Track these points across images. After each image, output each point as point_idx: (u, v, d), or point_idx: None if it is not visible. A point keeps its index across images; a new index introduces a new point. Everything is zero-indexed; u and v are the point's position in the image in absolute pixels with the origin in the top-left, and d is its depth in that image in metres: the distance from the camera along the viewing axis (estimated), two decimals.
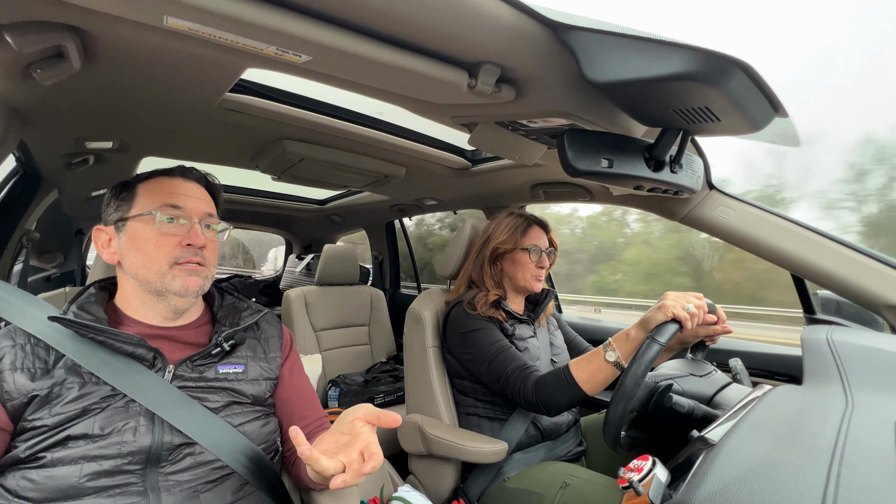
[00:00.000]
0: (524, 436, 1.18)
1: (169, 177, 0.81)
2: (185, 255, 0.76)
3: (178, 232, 0.76)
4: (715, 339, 1.05)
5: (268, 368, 0.83)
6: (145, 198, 0.77)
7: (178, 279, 0.75)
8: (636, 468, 0.69)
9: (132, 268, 0.75)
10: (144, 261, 0.74)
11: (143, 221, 0.75)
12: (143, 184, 0.79)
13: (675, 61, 0.56)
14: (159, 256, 0.75)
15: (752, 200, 1.23)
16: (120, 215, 0.77)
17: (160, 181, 0.80)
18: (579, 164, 0.73)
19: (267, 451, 0.79)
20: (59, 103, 0.98)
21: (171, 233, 0.76)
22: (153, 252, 0.74)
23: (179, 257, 0.76)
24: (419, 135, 1.46)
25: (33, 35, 0.64)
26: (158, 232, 0.75)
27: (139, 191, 0.78)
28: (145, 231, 0.75)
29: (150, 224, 0.75)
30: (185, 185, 0.81)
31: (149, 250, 0.74)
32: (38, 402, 0.64)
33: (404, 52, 0.65)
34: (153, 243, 0.75)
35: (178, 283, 0.75)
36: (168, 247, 0.75)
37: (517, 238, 1.29)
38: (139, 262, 0.75)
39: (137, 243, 0.75)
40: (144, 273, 0.75)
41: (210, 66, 0.83)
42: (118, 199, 0.79)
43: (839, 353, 0.87)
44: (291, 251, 3.69)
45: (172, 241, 0.76)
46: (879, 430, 0.63)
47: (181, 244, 0.76)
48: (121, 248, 0.76)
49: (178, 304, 0.77)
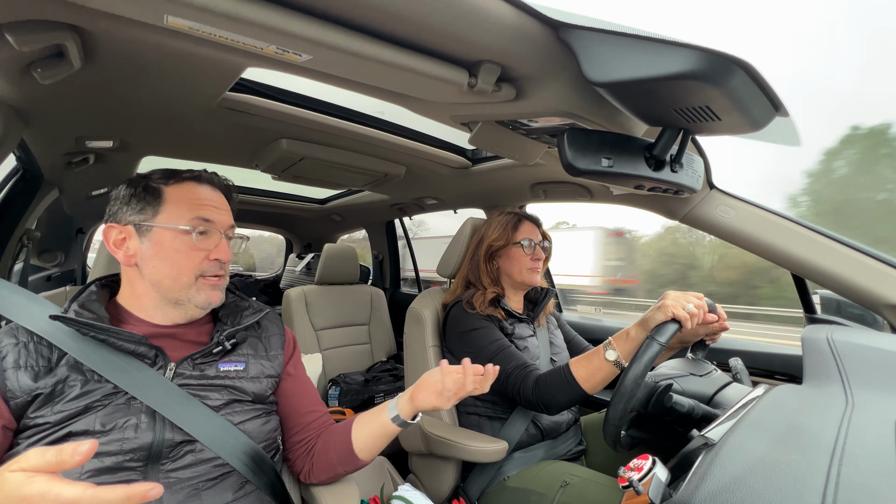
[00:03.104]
0: (524, 435, 1.18)
1: (198, 184, 0.79)
2: (211, 269, 0.76)
3: (207, 246, 0.76)
4: (715, 339, 1.05)
5: (269, 366, 0.83)
6: (175, 206, 0.75)
7: (203, 293, 0.76)
8: (636, 467, 0.69)
9: (155, 275, 0.74)
10: (172, 272, 0.74)
11: (175, 232, 0.74)
12: (170, 188, 0.77)
13: (676, 60, 0.56)
14: (188, 269, 0.74)
15: (753, 200, 1.23)
16: (143, 218, 0.75)
17: (190, 188, 0.78)
18: (579, 163, 0.73)
19: (267, 450, 0.79)
20: (60, 102, 0.98)
21: (202, 247, 0.76)
22: (183, 264, 0.74)
23: (206, 271, 0.76)
24: (419, 134, 1.46)
25: (33, 34, 0.64)
26: (191, 245, 0.74)
27: (168, 196, 0.76)
28: (175, 242, 0.74)
29: (184, 236, 0.74)
30: (212, 194, 0.80)
31: (179, 262, 0.74)
32: (42, 399, 0.64)
33: (404, 51, 0.65)
34: (183, 255, 0.74)
35: (202, 296, 0.76)
36: (196, 260, 0.75)
37: (509, 233, 1.30)
38: (165, 272, 0.74)
39: (165, 253, 0.74)
40: (170, 283, 0.74)
41: (210, 65, 0.83)
42: (140, 200, 0.75)
43: (839, 353, 0.87)
44: (292, 250, 3.70)
45: (201, 255, 0.75)
46: (879, 429, 0.63)
47: (209, 258, 0.76)
48: (142, 252, 0.74)
49: (195, 313, 0.78)
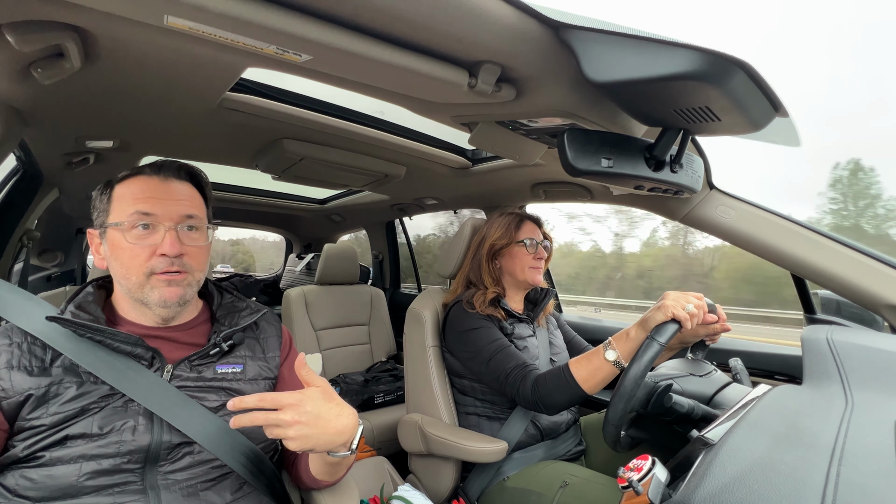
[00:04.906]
0: (524, 435, 1.18)
1: (146, 176, 0.74)
2: (160, 266, 0.71)
3: (152, 241, 0.71)
4: (715, 339, 1.05)
5: (266, 368, 0.83)
6: (119, 203, 0.73)
7: (157, 290, 0.71)
8: (636, 468, 0.69)
9: (115, 276, 0.74)
10: (123, 271, 0.72)
11: (118, 230, 0.71)
12: (119, 186, 0.74)
13: (676, 61, 0.56)
14: (135, 267, 0.71)
15: (753, 200, 1.23)
16: (101, 220, 0.74)
17: (135, 182, 0.74)
18: (580, 163, 0.73)
19: (266, 451, 0.79)
20: (60, 103, 0.98)
21: (145, 243, 0.71)
22: (129, 263, 0.71)
23: (156, 267, 0.71)
24: (419, 134, 1.46)
25: (34, 34, 0.64)
26: (130, 242, 0.70)
27: (115, 194, 0.74)
28: (120, 241, 0.71)
29: (124, 233, 0.71)
30: (161, 185, 0.74)
31: (125, 261, 0.71)
32: (35, 401, 0.64)
33: (405, 52, 0.65)
34: (127, 254, 0.71)
35: (156, 294, 0.71)
36: (142, 257, 0.71)
37: (511, 233, 1.30)
38: (119, 271, 0.72)
39: (116, 252, 0.72)
40: (126, 283, 0.72)
41: (210, 65, 0.83)
42: (101, 202, 0.75)
43: (839, 353, 0.87)
44: (292, 250, 3.69)
45: (147, 252, 0.71)
46: (879, 430, 0.63)
47: (156, 254, 0.71)
48: (105, 254, 0.74)
49: (162, 313, 0.74)
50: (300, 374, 0.66)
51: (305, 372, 0.67)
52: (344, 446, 0.66)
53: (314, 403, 0.63)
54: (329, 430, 0.64)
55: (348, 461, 0.76)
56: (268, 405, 0.61)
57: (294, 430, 0.61)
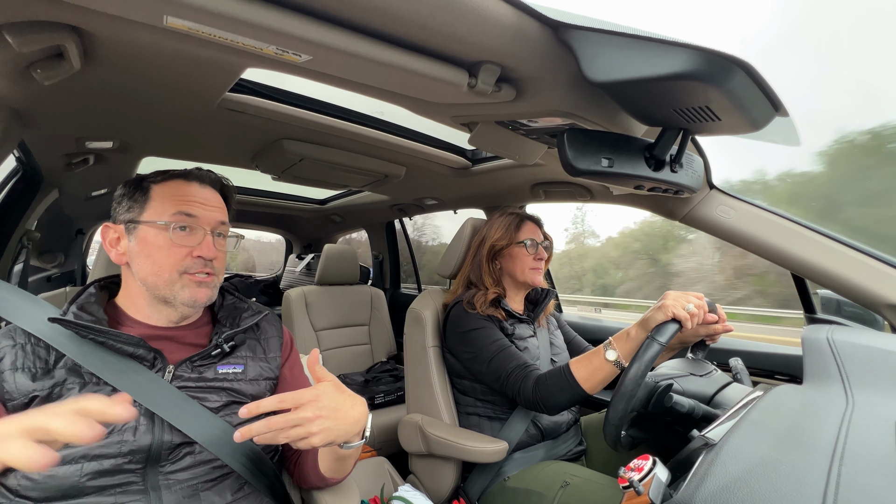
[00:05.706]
0: (524, 435, 1.18)
1: (185, 181, 0.79)
2: (194, 266, 0.75)
3: (189, 242, 0.75)
4: (715, 339, 1.05)
5: (267, 368, 0.83)
6: (160, 202, 0.76)
7: (188, 289, 0.75)
8: (636, 468, 0.69)
9: (141, 273, 0.75)
10: (154, 268, 0.74)
11: (156, 228, 0.74)
12: (158, 186, 0.77)
13: (676, 61, 0.56)
14: (169, 265, 0.74)
15: (753, 200, 1.23)
16: (132, 216, 0.76)
17: (176, 185, 0.78)
18: (579, 163, 0.73)
19: (266, 451, 0.79)
20: (59, 103, 0.98)
21: (183, 243, 0.75)
22: (164, 260, 0.74)
23: (189, 268, 0.75)
24: (419, 134, 1.46)
25: (33, 35, 0.64)
26: (170, 241, 0.74)
27: (154, 193, 0.76)
28: (157, 238, 0.74)
29: (163, 232, 0.74)
30: (201, 191, 0.79)
31: (159, 258, 0.74)
32: (39, 402, 0.64)
33: (404, 52, 0.65)
34: (164, 252, 0.74)
35: (186, 293, 0.75)
36: (178, 256, 0.74)
37: (512, 233, 1.30)
38: (149, 268, 0.74)
39: (148, 249, 0.74)
40: (154, 280, 0.74)
41: (210, 65, 0.83)
42: (131, 198, 0.77)
43: (839, 353, 0.87)
44: (292, 251, 3.69)
45: (183, 252, 0.75)
46: (879, 429, 0.63)
47: (192, 255, 0.75)
48: (130, 250, 0.75)
49: (186, 312, 0.78)
50: (313, 371, 0.67)
51: (318, 368, 0.67)
52: (357, 435, 0.68)
53: (330, 397, 0.64)
54: (348, 420, 0.65)
55: (356, 454, 0.77)
56: (289, 404, 0.61)
57: (317, 425, 0.61)
